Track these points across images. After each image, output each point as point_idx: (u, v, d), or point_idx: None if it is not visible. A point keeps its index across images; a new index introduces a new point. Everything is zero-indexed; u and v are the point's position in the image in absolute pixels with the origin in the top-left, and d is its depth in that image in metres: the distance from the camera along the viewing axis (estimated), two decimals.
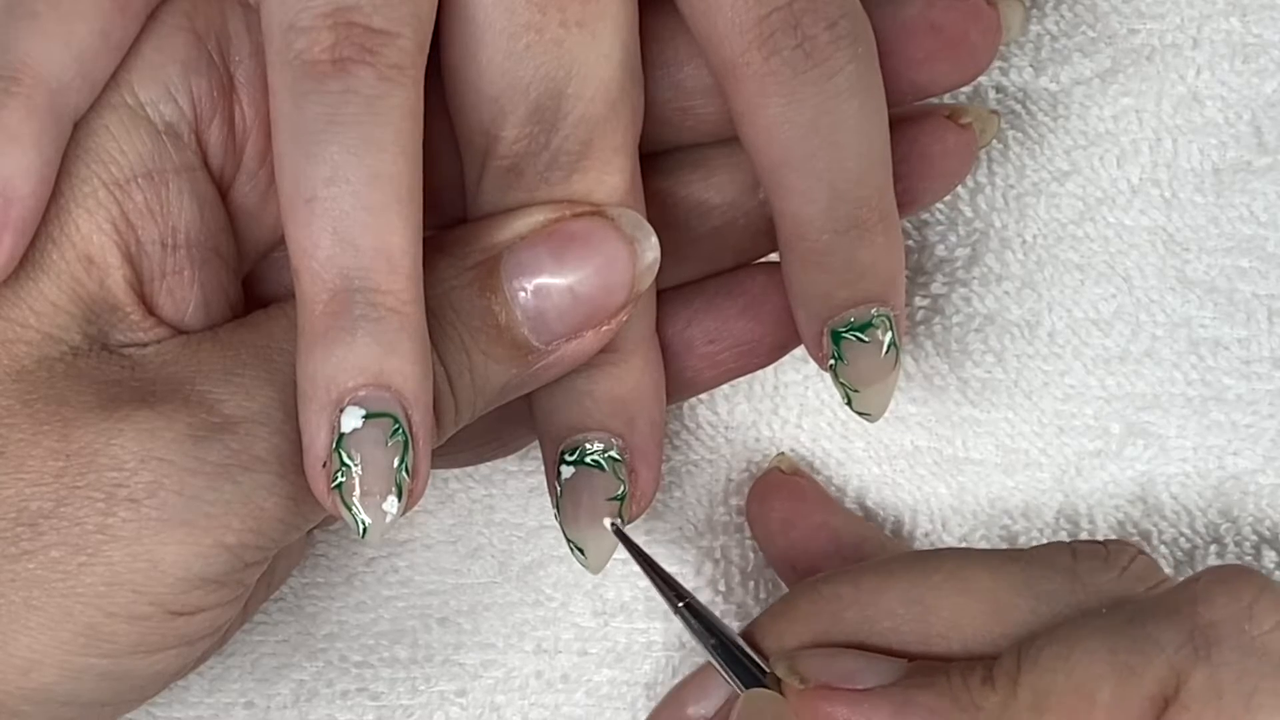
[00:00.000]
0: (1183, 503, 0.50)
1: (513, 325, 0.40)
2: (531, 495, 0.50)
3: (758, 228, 0.44)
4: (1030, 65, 0.50)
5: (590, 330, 0.40)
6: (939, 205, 0.50)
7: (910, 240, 0.50)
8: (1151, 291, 0.50)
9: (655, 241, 0.41)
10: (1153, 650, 0.38)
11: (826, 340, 0.43)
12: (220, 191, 0.41)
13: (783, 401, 0.50)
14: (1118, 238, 0.50)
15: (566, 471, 0.42)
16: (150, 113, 0.40)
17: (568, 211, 0.40)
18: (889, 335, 0.42)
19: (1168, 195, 0.50)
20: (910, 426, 0.50)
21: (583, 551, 0.43)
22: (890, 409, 0.44)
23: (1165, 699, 0.38)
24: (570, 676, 0.49)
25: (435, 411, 0.39)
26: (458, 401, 0.39)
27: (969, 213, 0.50)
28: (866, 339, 0.42)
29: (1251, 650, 0.38)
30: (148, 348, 0.39)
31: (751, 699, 0.41)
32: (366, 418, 0.37)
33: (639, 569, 0.43)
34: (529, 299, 0.40)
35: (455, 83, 0.40)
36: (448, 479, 0.50)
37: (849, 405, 0.43)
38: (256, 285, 0.43)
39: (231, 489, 0.37)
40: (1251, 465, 0.50)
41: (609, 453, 0.42)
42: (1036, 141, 0.50)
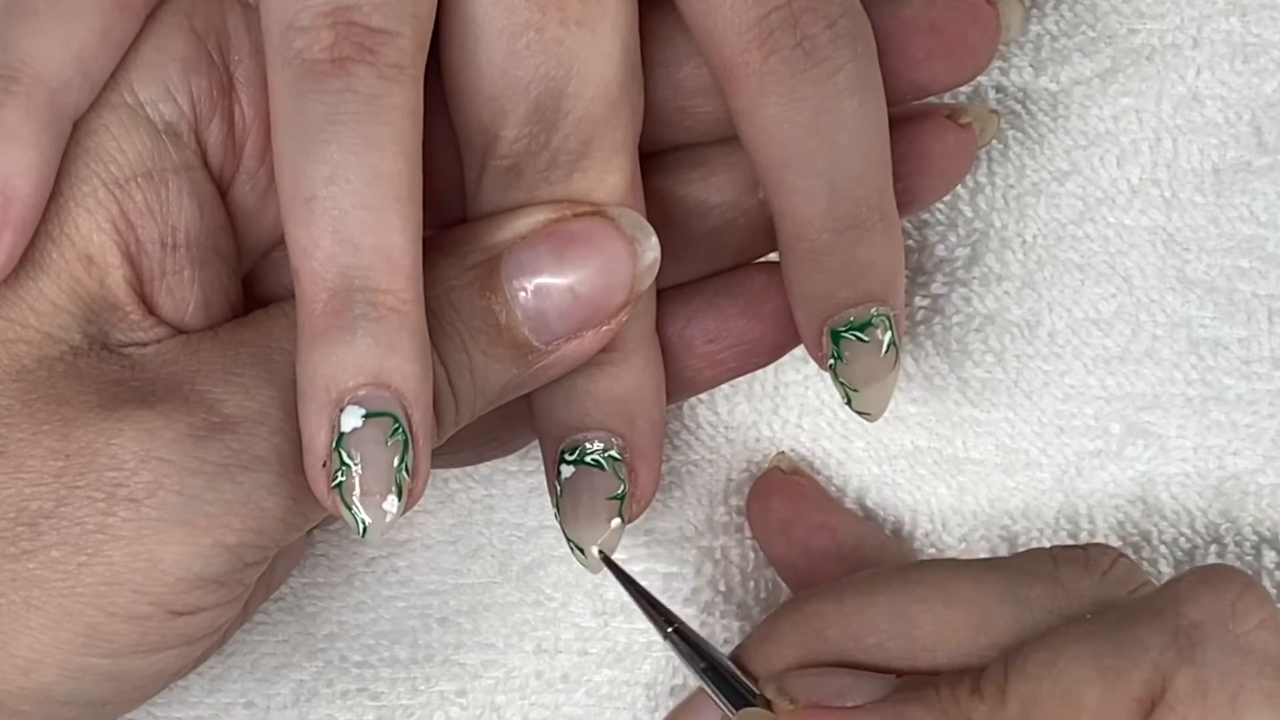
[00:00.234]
0: (1183, 503, 0.50)
1: (513, 325, 0.40)
2: (531, 495, 0.50)
3: (757, 227, 0.44)
4: (1030, 65, 0.50)
5: (590, 330, 0.40)
6: (939, 205, 0.50)
7: (910, 240, 0.50)
8: (1151, 291, 0.50)
9: (655, 241, 0.41)
10: (1138, 652, 0.38)
11: (826, 340, 0.42)
12: (220, 191, 0.41)
13: (783, 401, 0.50)
14: (1118, 238, 0.50)
15: (566, 471, 0.42)
16: (150, 112, 0.40)
17: (568, 211, 0.40)
18: (888, 335, 0.42)
19: (1168, 195, 0.50)
20: (910, 426, 0.50)
21: (583, 551, 0.43)
22: (890, 409, 0.44)
23: (1152, 701, 0.38)
24: (570, 676, 0.49)
25: (435, 411, 0.39)
26: (458, 401, 0.39)
27: (969, 213, 0.50)
28: (866, 338, 0.42)
29: (1236, 649, 0.38)
30: (148, 347, 0.39)
31: (745, 718, 0.41)
32: (366, 417, 0.37)
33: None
34: (529, 299, 0.40)
35: (455, 82, 0.40)
36: (448, 479, 0.50)
37: (849, 405, 0.43)
38: (256, 285, 0.43)
39: (231, 489, 0.37)
40: (1251, 465, 0.50)
41: (609, 452, 0.42)
42: (1036, 141, 0.50)
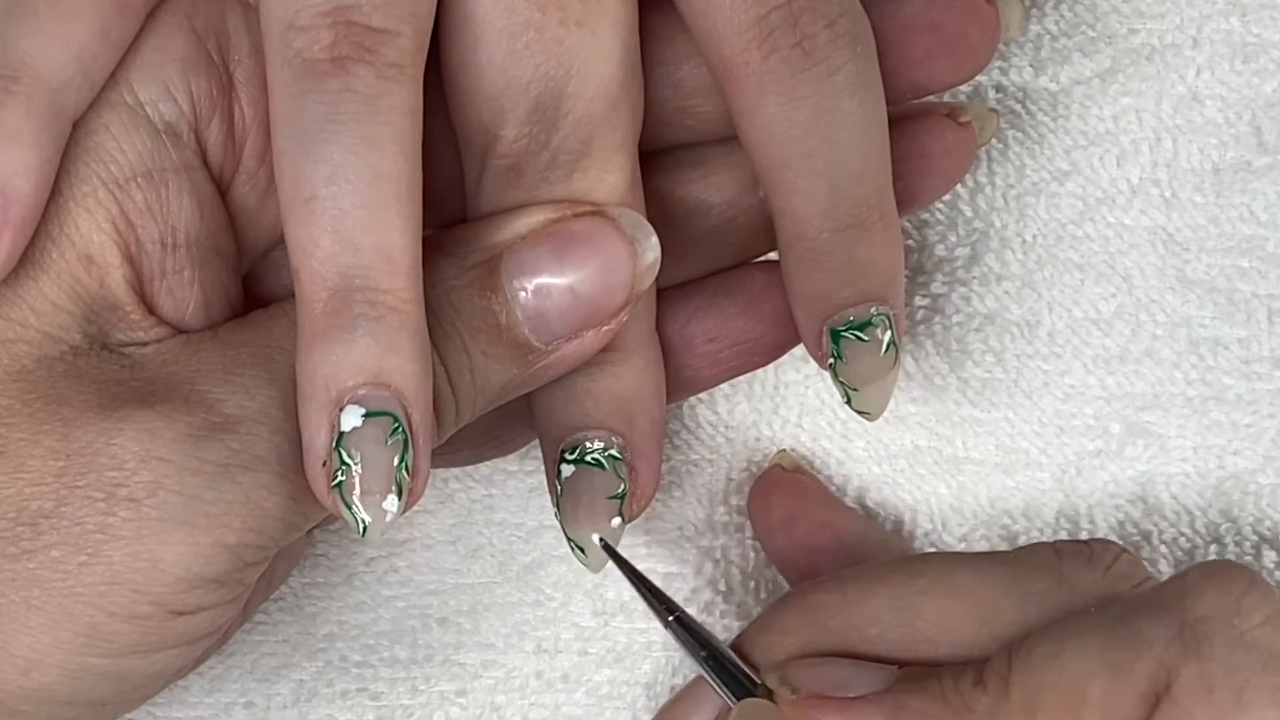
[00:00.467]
0: (1183, 503, 0.50)
1: (513, 325, 0.40)
2: (531, 495, 0.50)
3: (757, 226, 0.44)
4: (1030, 65, 0.50)
5: (590, 330, 0.40)
6: (939, 205, 0.50)
7: (910, 240, 0.50)
8: (1151, 291, 0.50)
9: (656, 241, 0.41)
10: (1143, 647, 0.38)
11: (826, 339, 0.42)
12: (220, 191, 0.41)
13: (783, 401, 0.50)
14: (1118, 238, 0.50)
15: (567, 470, 0.42)
16: (150, 112, 0.40)
17: (568, 211, 0.40)
18: (888, 334, 0.42)
19: (1168, 195, 0.50)
20: (910, 426, 0.50)
21: (583, 550, 0.43)
22: (890, 409, 0.44)
23: (1156, 695, 0.38)
24: (570, 676, 0.49)
25: (436, 411, 0.39)
26: (458, 401, 0.39)
27: (969, 213, 0.50)
28: (866, 338, 0.42)
29: (1241, 645, 0.38)
30: (148, 347, 0.39)
31: (746, 709, 0.41)
32: (366, 416, 0.37)
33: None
34: (529, 299, 0.39)
35: (455, 81, 0.40)
36: (448, 479, 0.50)
37: (848, 404, 0.43)
38: (256, 285, 0.43)
39: (232, 488, 0.37)
40: (1251, 465, 0.50)
41: (609, 451, 0.42)
42: (1036, 141, 0.50)
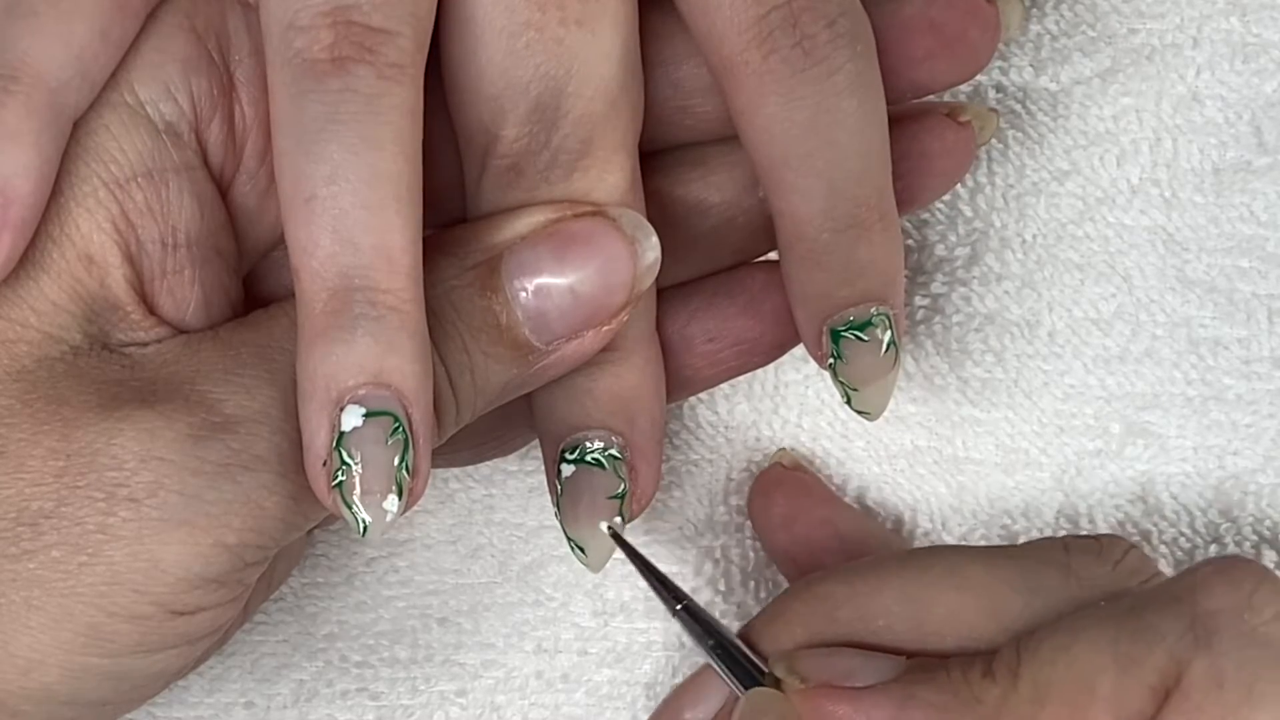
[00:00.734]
0: (1183, 503, 0.50)
1: (514, 325, 0.39)
2: (531, 495, 0.50)
3: (757, 226, 0.44)
4: (1030, 65, 0.50)
5: (591, 330, 0.40)
6: (939, 205, 0.50)
7: (910, 240, 0.50)
8: (1151, 291, 0.50)
9: (656, 241, 0.41)
10: (1154, 640, 0.38)
11: (826, 339, 0.42)
12: (220, 191, 0.41)
13: (783, 401, 0.50)
14: (1118, 238, 0.50)
15: (567, 470, 0.42)
16: (150, 111, 0.40)
17: (569, 211, 0.40)
18: (888, 334, 0.42)
19: (1168, 195, 0.50)
20: (910, 426, 0.50)
21: (583, 550, 0.43)
22: (890, 408, 0.44)
23: (1166, 689, 0.38)
24: (570, 676, 0.49)
25: (436, 411, 0.39)
26: (459, 401, 0.39)
27: (969, 213, 0.50)
28: (866, 338, 0.42)
29: (1252, 640, 0.38)
30: (148, 347, 0.39)
31: (754, 698, 0.40)
32: (366, 416, 0.37)
33: (642, 554, 0.43)
34: (530, 299, 0.39)
35: (455, 81, 0.40)
36: (448, 479, 0.50)
37: (848, 404, 0.43)
38: (256, 285, 0.43)
39: (232, 488, 0.37)
40: (1251, 465, 0.50)
41: (609, 451, 0.42)
42: (1036, 141, 0.50)
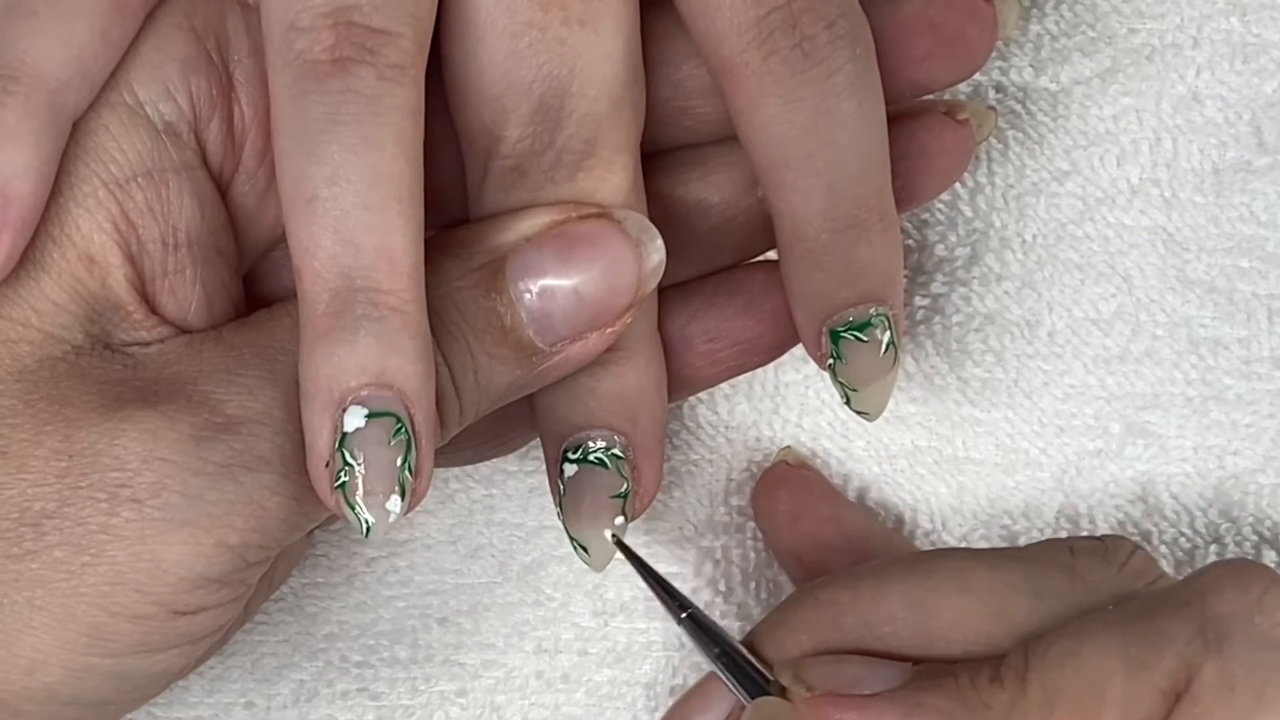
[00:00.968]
0: (1183, 503, 0.50)
1: (518, 327, 0.39)
2: (531, 495, 0.50)
3: (756, 225, 0.44)
4: (1030, 65, 0.50)
5: (595, 332, 0.40)
6: (939, 205, 0.50)
7: (910, 240, 0.50)
8: (1151, 291, 0.50)
9: (661, 244, 0.41)
10: (1163, 644, 0.38)
11: (825, 339, 0.42)
12: (219, 191, 0.41)
13: (783, 401, 0.50)
14: (1118, 238, 0.50)
15: (570, 469, 0.42)
16: (149, 111, 0.40)
17: (574, 213, 0.40)
18: (887, 334, 0.42)
19: (1168, 195, 0.50)
20: (910, 426, 0.50)
21: (586, 550, 0.43)
22: (890, 409, 0.44)
23: (1176, 693, 0.38)
24: (570, 676, 0.49)
25: (440, 411, 0.39)
26: (462, 402, 0.39)
27: (969, 213, 0.50)
28: (865, 338, 0.42)
29: (1262, 643, 0.38)
30: (150, 347, 0.39)
31: (761, 708, 0.40)
32: (369, 417, 0.37)
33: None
34: (534, 300, 0.39)
35: (457, 82, 0.40)
36: (448, 479, 0.50)
37: (847, 404, 0.43)
38: (256, 284, 0.43)
39: (234, 489, 0.37)
40: (1251, 465, 0.50)
41: (612, 450, 0.42)
42: (1036, 141, 0.50)
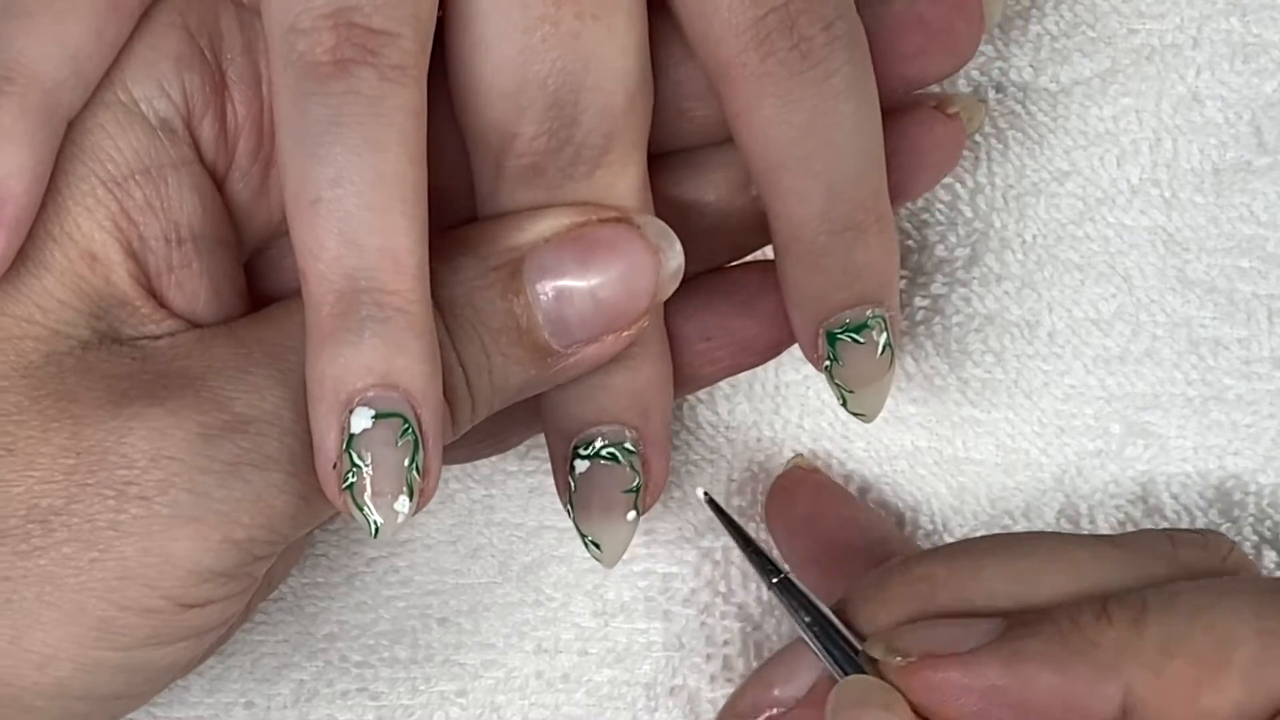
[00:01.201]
0: (1183, 503, 0.50)
1: (534, 328, 0.40)
2: (531, 495, 0.50)
3: (751, 223, 0.44)
4: (1030, 65, 0.50)
5: (610, 335, 0.40)
6: (939, 206, 0.50)
7: (910, 240, 0.50)
8: (1151, 291, 0.50)
9: (679, 250, 0.41)
10: None
11: (822, 341, 0.42)
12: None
13: (784, 401, 0.50)
14: (1118, 238, 0.50)
15: (581, 466, 0.42)
16: (144, 109, 0.40)
17: (593, 215, 0.40)
18: (884, 336, 0.42)
19: (1168, 195, 0.50)
20: (910, 426, 0.50)
21: (599, 546, 0.43)
22: (890, 409, 0.44)
23: None
24: (570, 676, 0.49)
25: (451, 410, 0.39)
26: (475, 400, 0.39)
27: (969, 213, 0.50)
28: (862, 340, 0.42)
29: None
30: (161, 340, 0.39)
31: (854, 686, 0.40)
32: (376, 418, 0.37)
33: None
34: (551, 302, 0.39)
35: (465, 80, 0.40)
36: (448, 479, 0.49)
37: (844, 405, 0.43)
38: (257, 283, 0.43)
39: (242, 487, 0.37)
40: (1251, 465, 0.50)
41: (624, 445, 0.42)
42: (1036, 141, 0.50)
